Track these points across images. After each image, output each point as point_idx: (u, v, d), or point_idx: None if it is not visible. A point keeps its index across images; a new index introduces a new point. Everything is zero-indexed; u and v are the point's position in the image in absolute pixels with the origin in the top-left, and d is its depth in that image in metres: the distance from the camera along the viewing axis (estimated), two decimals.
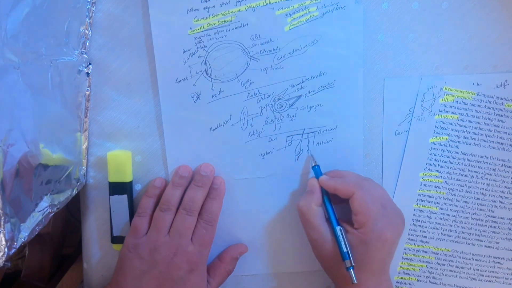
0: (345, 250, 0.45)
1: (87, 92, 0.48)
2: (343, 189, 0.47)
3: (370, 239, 0.45)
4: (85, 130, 0.49)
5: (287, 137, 0.50)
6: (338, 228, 0.47)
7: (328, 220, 0.48)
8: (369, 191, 0.46)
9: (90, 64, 0.48)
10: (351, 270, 0.45)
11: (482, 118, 0.51)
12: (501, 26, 0.50)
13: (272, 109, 0.50)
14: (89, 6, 0.47)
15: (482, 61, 0.51)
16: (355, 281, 0.45)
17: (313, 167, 0.50)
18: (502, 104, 0.51)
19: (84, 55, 0.47)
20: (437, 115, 0.51)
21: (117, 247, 0.50)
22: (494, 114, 0.51)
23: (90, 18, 0.47)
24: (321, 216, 0.48)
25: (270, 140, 0.50)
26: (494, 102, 0.51)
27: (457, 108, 0.51)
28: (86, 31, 0.47)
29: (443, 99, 0.51)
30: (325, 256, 0.48)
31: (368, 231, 0.45)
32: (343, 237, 0.46)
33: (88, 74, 0.48)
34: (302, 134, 0.50)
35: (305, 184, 0.50)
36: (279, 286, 0.54)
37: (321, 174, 0.49)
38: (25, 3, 0.38)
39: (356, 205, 0.46)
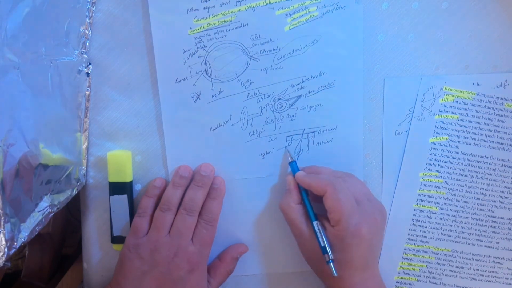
0: (322, 244, 0.46)
1: (87, 92, 0.48)
2: (316, 186, 0.46)
3: (346, 236, 0.45)
4: (85, 130, 0.49)
5: (287, 137, 0.50)
6: (315, 223, 0.47)
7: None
8: (342, 188, 0.46)
9: (90, 64, 0.48)
10: (331, 263, 0.45)
11: (482, 118, 0.51)
12: (501, 26, 0.50)
13: (272, 109, 0.50)
14: (89, 6, 0.47)
15: (482, 61, 0.51)
16: (335, 274, 0.45)
17: (289, 163, 0.50)
18: (502, 104, 0.51)
19: (84, 55, 0.47)
20: (437, 115, 0.51)
21: (117, 247, 0.50)
22: (494, 114, 0.51)
23: (90, 18, 0.47)
24: (301, 213, 0.48)
25: (270, 140, 0.50)
26: (494, 102, 0.51)
27: (457, 108, 0.51)
28: (86, 31, 0.47)
29: (443, 99, 0.51)
30: (308, 252, 0.48)
31: (343, 228, 0.45)
32: (320, 232, 0.46)
33: (88, 74, 0.48)
34: (302, 134, 0.51)
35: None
36: (279, 286, 0.54)
37: (298, 170, 0.49)
38: (25, 3, 0.38)
39: (328, 203, 0.46)
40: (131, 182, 0.50)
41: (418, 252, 0.54)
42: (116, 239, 0.50)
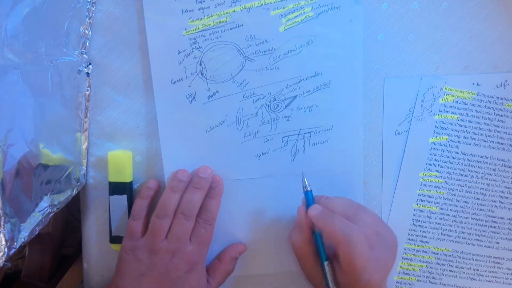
0: (331, 287, 0.45)
1: (87, 92, 0.49)
2: (329, 234, 0.44)
3: (358, 285, 0.43)
4: (85, 130, 0.49)
5: (283, 137, 0.50)
6: (325, 263, 0.46)
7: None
8: (356, 240, 0.43)
9: (90, 64, 0.48)
10: None
11: (482, 118, 0.51)
12: (501, 26, 0.50)
13: (267, 110, 0.50)
14: (89, 6, 0.47)
15: (482, 61, 0.51)
16: None
17: (305, 193, 0.47)
18: (502, 104, 0.51)
19: (84, 55, 0.48)
20: (437, 115, 0.51)
21: (116, 247, 0.51)
22: (494, 114, 0.51)
23: (90, 18, 0.47)
24: (314, 253, 0.47)
25: (266, 140, 0.50)
26: (494, 102, 0.51)
27: (457, 108, 0.51)
28: (86, 31, 0.47)
29: (443, 99, 0.51)
30: (318, 286, 0.48)
31: (354, 280, 0.43)
32: (330, 274, 0.45)
33: (88, 74, 0.48)
34: (298, 134, 0.50)
35: (301, 185, 0.51)
36: (279, 286, 0.54)
37: (312, 203, 0.46)
38: (25, 3, 0.38)
39: (342, 256, 0.43)
40: (131, 182, 0.50)
41: (418, 252, 0.54)
42: (115, 239, 0.50)
